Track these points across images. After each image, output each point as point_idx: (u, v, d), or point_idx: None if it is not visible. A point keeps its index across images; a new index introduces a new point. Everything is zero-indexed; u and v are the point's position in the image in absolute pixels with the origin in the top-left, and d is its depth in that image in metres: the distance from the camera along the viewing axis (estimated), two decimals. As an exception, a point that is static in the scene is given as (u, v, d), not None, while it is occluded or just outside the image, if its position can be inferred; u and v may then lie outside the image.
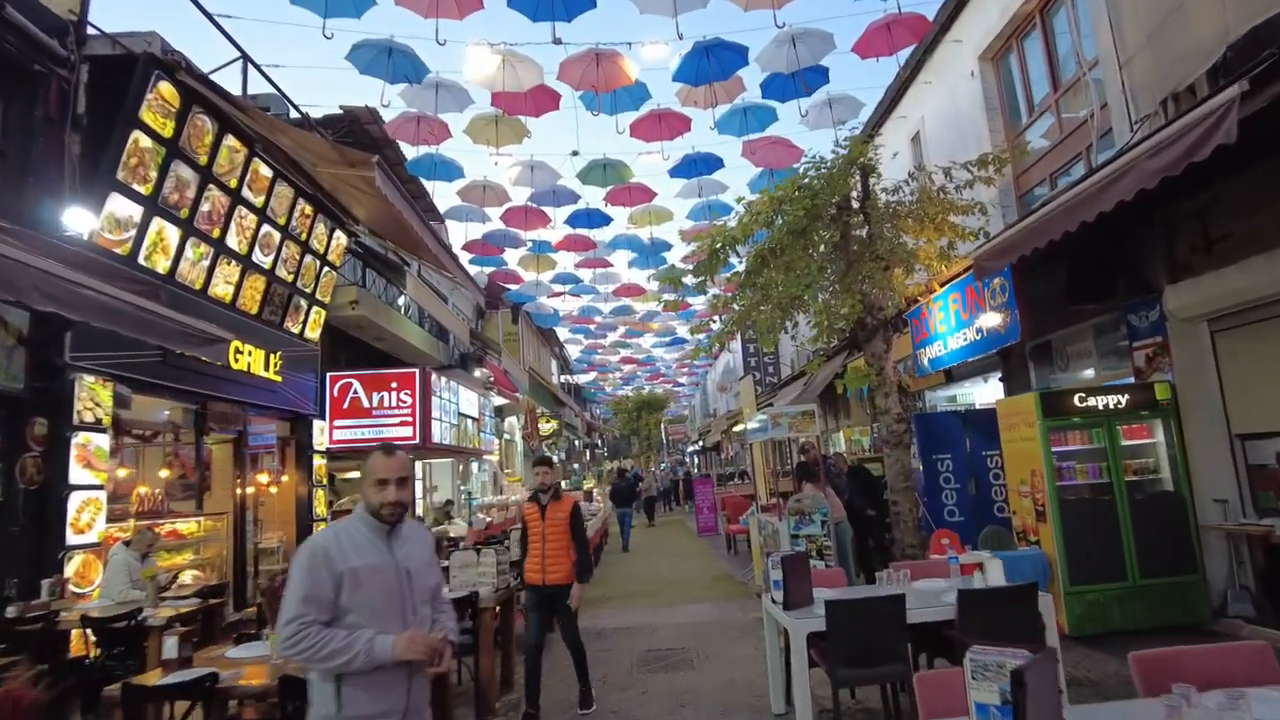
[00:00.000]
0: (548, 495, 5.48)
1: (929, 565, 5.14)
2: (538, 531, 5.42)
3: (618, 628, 7.83)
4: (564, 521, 5.41)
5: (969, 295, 8.02)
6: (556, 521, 5.41)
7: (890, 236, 8.01)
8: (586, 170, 11.93)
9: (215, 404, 8.59)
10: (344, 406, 11.10)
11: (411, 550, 2.62)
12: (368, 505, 2.57)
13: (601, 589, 10.89)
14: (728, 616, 8.06)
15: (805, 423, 7.53)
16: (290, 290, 10.00)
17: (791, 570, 4.29)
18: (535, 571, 5.41)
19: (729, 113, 10.97)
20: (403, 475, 2.58)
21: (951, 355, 8.85)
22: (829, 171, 8.13)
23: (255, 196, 8.76)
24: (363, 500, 2.60)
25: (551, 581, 5.37)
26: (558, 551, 5.39)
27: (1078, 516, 6.26)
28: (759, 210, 8.08)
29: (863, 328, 8.33)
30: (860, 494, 8.46)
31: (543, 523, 5.40)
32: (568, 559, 5.43)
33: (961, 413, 9.81)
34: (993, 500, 9.48)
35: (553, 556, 5.37)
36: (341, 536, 2.51)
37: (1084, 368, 8.16)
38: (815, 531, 6.79)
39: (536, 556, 5.42)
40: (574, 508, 5.55)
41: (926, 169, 8.38)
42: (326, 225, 10.58)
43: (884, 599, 4.00)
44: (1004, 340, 7.44)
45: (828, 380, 12.82)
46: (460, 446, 13.22)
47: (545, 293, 19.00)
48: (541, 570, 5.37)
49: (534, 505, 5.51)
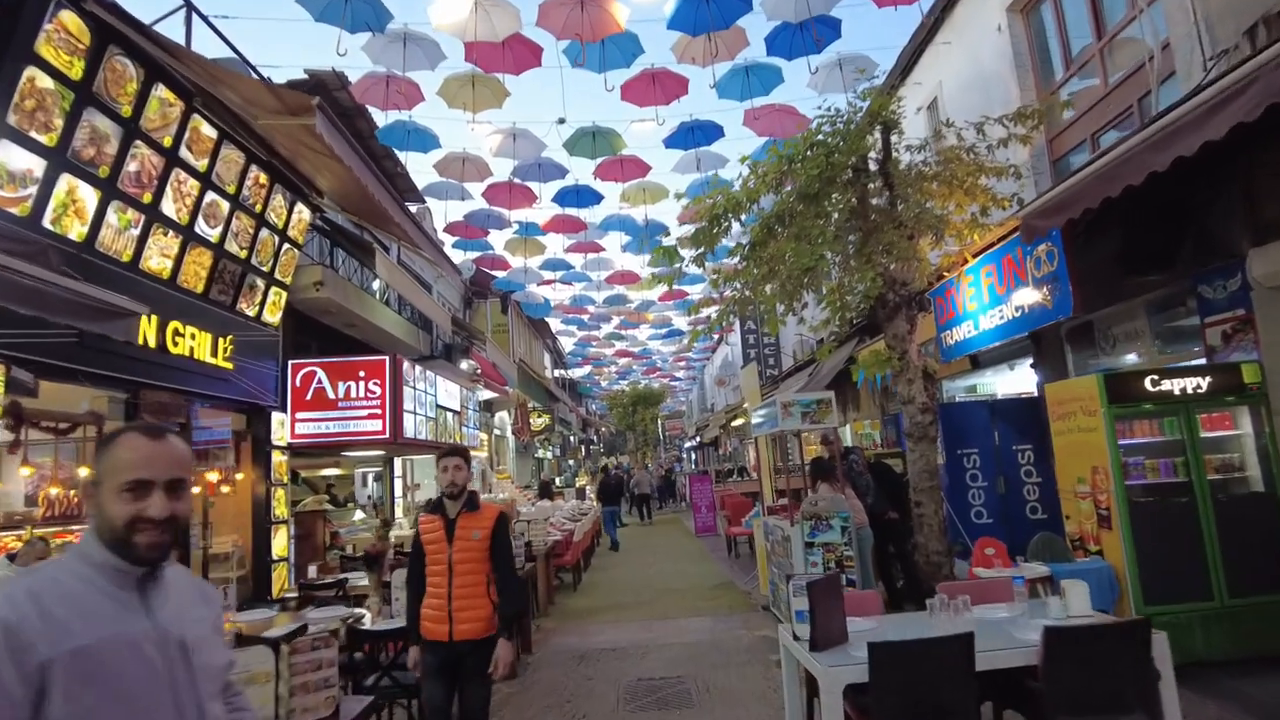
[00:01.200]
0: (458, 504, 3.83)
1: (983, 587, 4.15)
2: (441, 559, 3.76)
3: (604, 648, 6.85)
4: (482, 545, 3.77)
5: (1006, 267, 7.03)
6: (470, 545, 3.75)
7: (916, 200, 7.02)
8: (574, 140, 10.92)
9: (150, 393, 7.57)
10: (307, 398, 10.09)
11: (183, 610, 1.54)
12: (103, 528, 1.48)
13: (589, 598, 9.92)
14: (731, 635, 7.08)
15: (822, 412, 6.56)
16: (244, 268, 8.98)
17: (821, 600, 3.30)
18: (436, 620, 3.71)
19: (730, 74, 9.99)
20: (177, 476, 1.52)
21: (983, 337, 7.86)
22: (845, 127, 7.13)
23: (197, 159, 7.73)
24: (95, 520, 1.52)
25: (463, 635, 3.66)
26: (472, 589, 3.73)
27: (1150, 522, 5.29)
28: (766, 171, 7.08)
29: (883, 305, 7.35)
30: (881, 494, 7.47)
31: (449, 546, 3.73)
32: (487, 601, 3.76)
33: (989, 402, 8.85)
34: (1025, 500, 8.55)
35: (465, 597, 3.70)
36: (47, 595, 1.39)
37: (1134, 350, 7.17)
38: (834, 539, 5.81)
39: (439, 597, 3.73)
40: (499, 523, 3.88)
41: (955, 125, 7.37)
42: (285, 197, 9.56)
43: (947, 641, 3.02)
44: (1051, 316, 6.44)
45: (836, 369, 11.84)
46: (439, 442, 12.21)
47: (535, 280, 18.00)
48: (447, 618, 3.68)
49: (435, 519, 3.85)
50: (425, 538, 3.84)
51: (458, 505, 3.82)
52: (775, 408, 6.83)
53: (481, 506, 3.88)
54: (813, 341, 19.27)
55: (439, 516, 3.84)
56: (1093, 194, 4.72)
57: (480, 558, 3.77)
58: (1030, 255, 6.54)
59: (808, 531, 5.95)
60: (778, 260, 7.32)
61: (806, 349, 19.48)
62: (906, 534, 7.60)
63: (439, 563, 3.76)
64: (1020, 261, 6.75)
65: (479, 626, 3.71)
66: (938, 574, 7.58)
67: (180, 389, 7.94)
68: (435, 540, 3.79)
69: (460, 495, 3.82)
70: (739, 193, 7.07)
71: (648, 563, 13.37)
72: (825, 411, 6.59)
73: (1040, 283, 6.44)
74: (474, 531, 3.77)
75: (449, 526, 3.77)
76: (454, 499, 3.82)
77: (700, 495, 18.07)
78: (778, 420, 6.66)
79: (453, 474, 3.82)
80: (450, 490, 3.81)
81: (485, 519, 3.83)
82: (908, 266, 7.19)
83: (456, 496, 3.82)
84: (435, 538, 3.79)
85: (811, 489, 6.69)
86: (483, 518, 3.83)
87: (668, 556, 14.14)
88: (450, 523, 3.79)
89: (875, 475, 7.64)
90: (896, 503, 7.46)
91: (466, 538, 3.75)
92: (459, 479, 3.84)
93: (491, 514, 3.87)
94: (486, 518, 3.84)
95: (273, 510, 9.72)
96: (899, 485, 7.63)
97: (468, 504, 3.84)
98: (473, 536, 3.76)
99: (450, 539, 3.75)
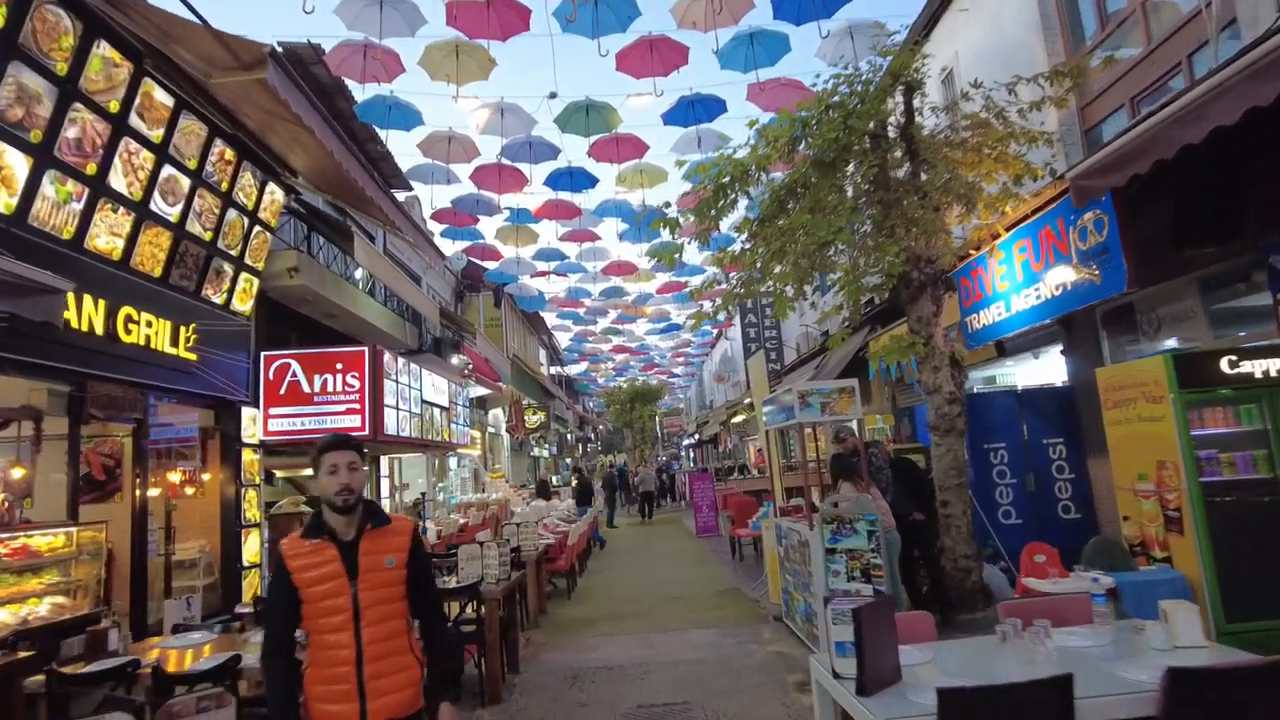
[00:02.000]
0: (354, 518, 2.61)
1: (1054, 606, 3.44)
2: (339, 605, 2.52)
3: (600, 666, 6.14)
4: (398, 576, 2.62)
5: (1045, 240, 6.35)
6: (384, 577, 2.59)
7: (943, 167, 6.34)
8: (566, 115, 10.21)
9: (99, 385, 6.87)
10: (281, 392, 9.40)
11: None
12: None
13: (584, 606, 9.21)
14: (741, 650, 6.37)
15: (844, 402, 5.87)
16: (209, 251, 8.27)
17: (871, 631, 2.62)
18: (337, 700, 2.50)
19: (733, 42, 9.29)
20: None
21: (1015, 320, 7.17)
22: (865, 88, 6.45)
23: (150, 129, 7.02)
24: None
25: (382, 712, 2.51)
26: (391, 644, 2.58)
27: (1230, 525, 4.61)
28: (776, 135, 6.39)
29: (906, 285, 6.68)
30: (902, 492, 6.78)
31: (352, 583, 2.53)
32: (413, 658, 2.64)
33: (1017, 392, 8.18)
34: (1056, 498, 7.91)
35: (382, 657, 2.54)
36: None
37: (1183, 334, 6.49)
38: (860, 545, 5.12)
39: (340, 664, 2.51)
40: (416, 540, 2.72)
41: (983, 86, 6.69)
42: (255, 176, 8.85)
43: (1040, 686, 2.33)
44: (1099, 294, 5.76)
45: (846, 360, 11.15)
46: (425, 439, 11.52)
47: (528, 271, 17.28)
48: (356, 693, 2.48)
49: (319, 546, 2.57)
50: (305, 576, 2.51)
51: (354, 521, 2.59)
52: (790, 398, 6.14)
53: (392, 520, 2.71)
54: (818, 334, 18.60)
55: (324, 541, 2.56)
56: (1166, 142, 4.03)
57: (398, 595, 2.61)
58: (1074, 225, 5.86)
59: (829, 536, 5.27)
60: (790, 235, 6.64)
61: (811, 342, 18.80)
62: (932, 536, 6.93)
63: (336, 611, 2.49)
64: (1061, 233, 6.06)
65: (405, 698, 2.55)
66: (966, 580, 6.92)
67: (134, 381, 7.23)
68: (325, 578, 2.51)
69: (355, 507, 2.59)
70: (747, 158, 6.38)
71: (647, 566, 12.67)
72: (847, 402, 5.90)
73: (1087, 256, 5.76)
74: (387, 557, 2.59)
75: (347, 554, 2.54)
76: (346, 511, 2.57)
77: (701, 494, 17.37)
78: (794, 412, 5.96)
79: (344, 475, 2.55)
80: (341, 499, 2.54)
81: (399, 535, 2.66)
82: (933, 241, 6.52)
83: (350, 508, 2.57)
84: (326, 574, 2.51)
85: (832, 488, 6.01)
86: (396, 534, 2.65)
87: (668, 559, 13.45)
88: (348, 548, 2.55)
89: (897, 472, 6.96)
90: (920, 501, 6.78)
91: (377, 567, 2.56)
92: (354, 482, 2.57)
93: (406, 528, 2.71)
94: (400, 533, 2.67)
95: (243, 513, 9.02)
96: (923, 483, 6.96)
97: (370, 517, 2.64)
98: (386, 564, 2.58)
99: (353, 573, 2.52)
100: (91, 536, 6.67)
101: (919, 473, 7.10)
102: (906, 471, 7.07)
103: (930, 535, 6.80)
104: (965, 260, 7.73)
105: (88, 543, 6.59)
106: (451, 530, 11.91)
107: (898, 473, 7.00)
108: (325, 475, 2.60)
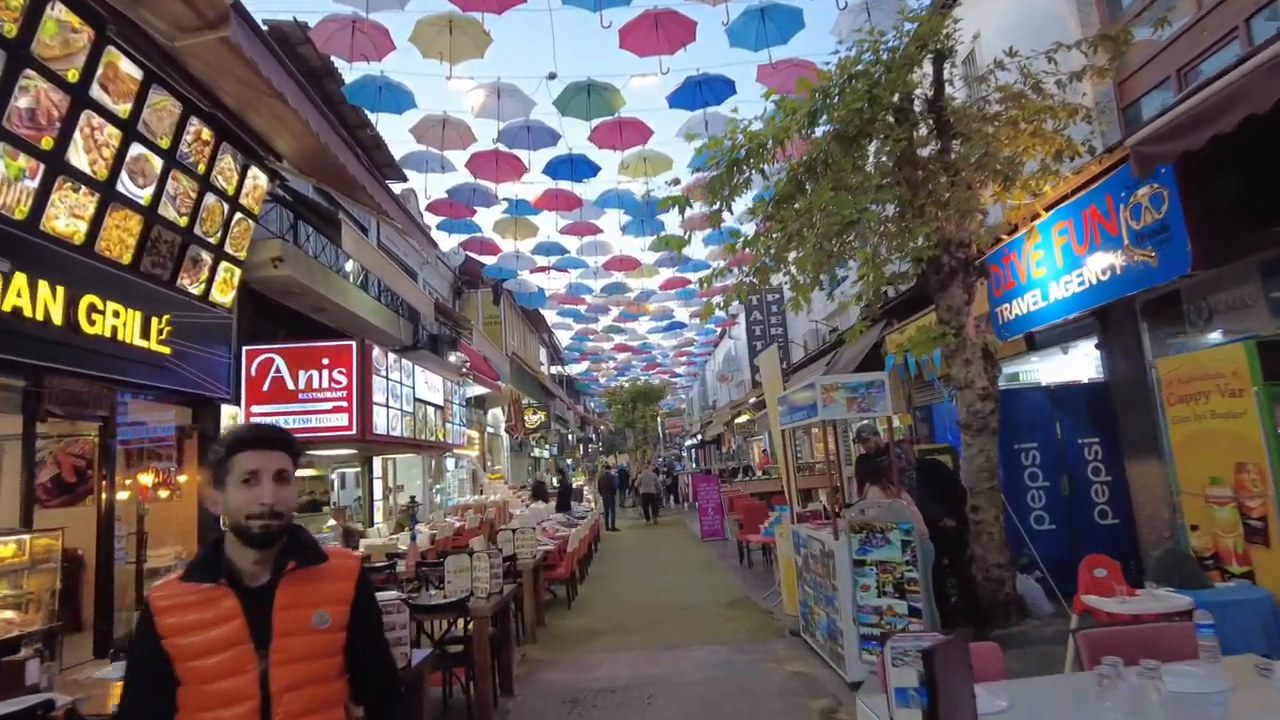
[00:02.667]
0: (266, 555, 1.70)
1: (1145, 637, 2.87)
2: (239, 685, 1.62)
3: (602, 688, 5.57)
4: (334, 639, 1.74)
5: (1090, 221, 5.79)
6: (311, 642, 1.70)
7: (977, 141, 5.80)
8: (566, 97, 9.67)
9: (57, 380, 6.34)
10: (264, 389, 8.87)
11: None
12: None
13: (585, 617, 8.66)
14: (757, 671, 5.77)
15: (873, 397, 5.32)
16: (185, 238, 7.75)
17: (944, 675, 2.06)
18: None
19: (744, 17, 8.77)
20: None
21: (1052, 309, 6.61)
22: (891, 55, 5.91)
23: (116, 103, 6.49)
24: None
25: None
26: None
27: (1324, 536, 4.07)
28: (795, 107, 5.84)
29: (936, 270, 6.14)
30: (929, 496, 6.22)
31: (259, 656, 1.64)
32: None
33: (1049, 388, 7.63)
34: (1092, 502, 7.38)
35: None
36: None
37: (1238, 324, 5.90)
38: (893, 556, 4.57)
39: None
40: (362, 585, 1.83)
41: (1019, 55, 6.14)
42: (236, 159, 8.32)
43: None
44: (1156, 277, 5.19)
45: (861, 355, 10.60)
46: (418, 439, 10.98)
47: (527, 266, 16.75)
48: None
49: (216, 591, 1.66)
50: (185, 643, 1.62)
51: (269, 558, 1.71)
52: (810, 394, 5.58)
53: (330, 557, 1.80)
54: (826, 331, 18.04)
55: (219, 587, 1.67)
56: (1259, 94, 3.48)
57: (332, 672, 1.74)
58: (1125, 203, 5.31)
59: (857, 547, 4.72)
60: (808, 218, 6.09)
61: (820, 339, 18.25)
62: (962, 544, 6.38)
63: (232, 700, 1.62)
64: (1110, 212, 5.51)
65: None
66: (999, 591, 6.37)
67: (99, 375, 6.69)
68: (217, 646, 1.63)
69: (278, 536, 1.70)
70: (763, 131, 5.83)
71: (651, 572, 12.11)
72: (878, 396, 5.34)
73: (1141, 237, 5.20)
74: (317, 613, 1.71)
75: (256, 608, 1.66)
76: (262, 544, 1.68)
77: (706, 497, 16.79)
78: (816, 408, 5.41)
79: (268, 490, 1.67)
80: (260, 527, 1.66)
81: (337, 580, 1.78)
82: (967, 223, 5.97)
83: (270, 539, 1.68)
84: (219, 640, 1.63)
85: (858, 493, 5.46)
86: (332, 578, 1.77)
87: (673, 565, 12.89)
88: (257, 599, 1.67)
89: (923, 474, 6.41)
90: (950, 506, 6.23)
91: (301, 628, 1.69)
92: (282, 502, 1.69)
93: (347, 568, 1.82)
94: (339, 577, 1.79)
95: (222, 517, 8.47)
96: (953, 484, 6.40)
97: (295, 552, 1.73)
98: (315, 624, 1.70)
99: (262, 638, 1.65)
100: (47, 545, 6.13)
101: (947, 474, 6.54)
102: (933, 473, 6.51)
103: (960, 542, 6.25)
104: (996, 245, 7.17)
105: (42, 551, 6.06)
106: (446, 534, 11.36)
107: (924, 475, 6.45)
108: (236, 487, 1.68)
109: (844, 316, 15.18)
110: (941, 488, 6.31)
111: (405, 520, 12.48)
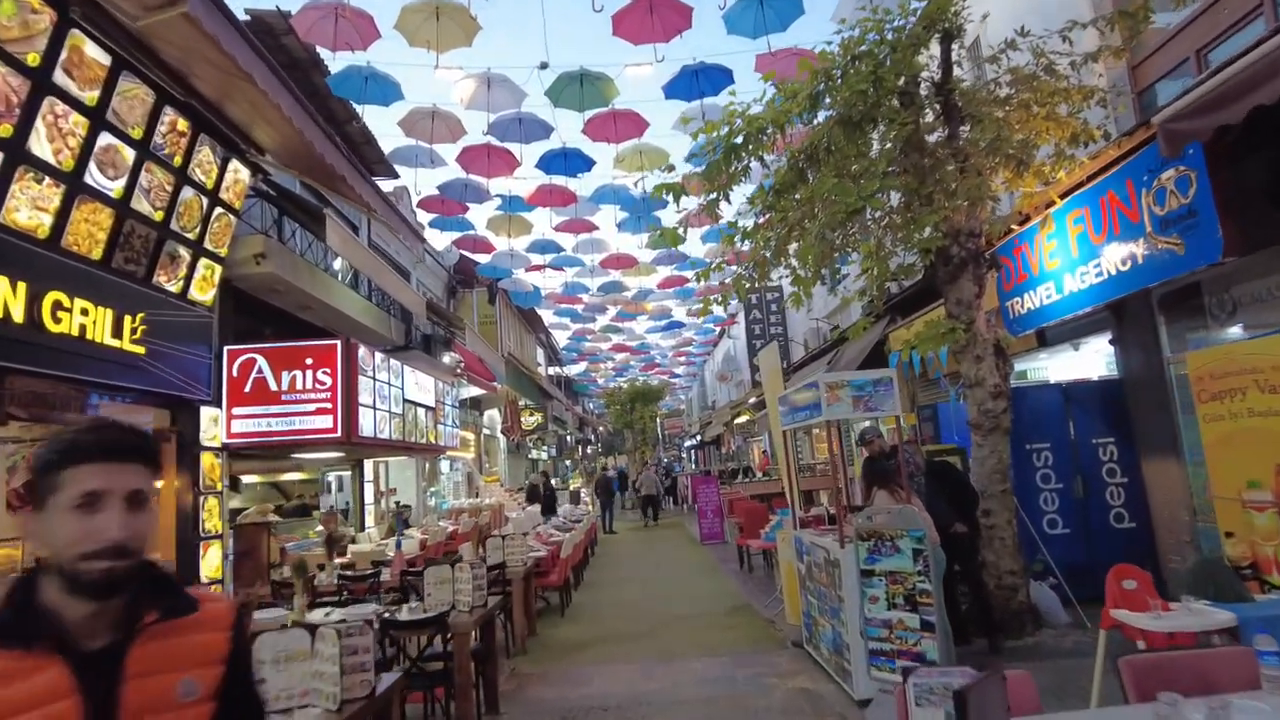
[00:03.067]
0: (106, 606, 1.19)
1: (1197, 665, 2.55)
2: None
3: (594, 705, 5.24)
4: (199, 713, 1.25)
5: (1108, 208, 5.46)
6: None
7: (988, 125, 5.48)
8: (559, 87, 9.34)
9: (19, 380, 6.02)
10: (245, 390, 8.55)
11: None
12: None
13: (578, 625, 8.33)
14: (758, 686, 5.44)
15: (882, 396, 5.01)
16: (161, 233, 7.43)
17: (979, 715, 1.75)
18: None
19: (741, 3, 8.47)
20: None
21: (1067, 303, 6.29)
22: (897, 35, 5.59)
23: (82, 89, 6.19)
24: None
25: None
26: None
27: (1375, 544, 3.76)
28: (796, 90, 5.53)
29: (945, 262, 5.83)
30: (938, 500, 5.89)
31: None
32: None
33: (1062, 386, 7.32)
34: (1107, 505, 7.09)
35: None
36: None
37: (1265, 318, 5.58)
38: (904, 566, 4.25)
39: None
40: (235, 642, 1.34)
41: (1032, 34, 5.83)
42: (215, 152, 8.00)
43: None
44: (1182, 266, 4.87)
45: (865, 352, 10.28)
46: (407, 441, 10.66)
47: (522, 265, 16.42)
48: None
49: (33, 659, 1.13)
50: None
51: (109, 610, 1.21)
52: (814, 393, 5.26)
53: (202, 606, 1.31)
54: (827, 329, 17.73)
55: (38, 655, 1.14)
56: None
57: None
58: (1148, 187, 4.99)
59: (865, 556, 4.41)
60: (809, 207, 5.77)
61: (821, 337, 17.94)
62: (972, 550, 6.06)
63: None
64: (1130, 198, 5.19)
65: None
66: (1012, 599, 6.06)
67: (66, 376, 6.38)
68: None
69: (124, 582, 1.19)
70: (763, 115, 5.51)
71: (648, 577, 11.78)
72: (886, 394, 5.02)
73: (1165, 223, 4.88)
74: (181, 681, 1.24)
75: (94, 680, 1.16)
76: (102, 594, 1.18)
77: (706, 499, 16.46)
78: (819, 408, 5.09)
79: (114, 520, 1.18)
80: (99, 570, 1.16)
81: (207, 634, 1.31)
82: (977, 211, 5.65)
83: (113, 586, 1.18)
84: None
85: (864, 498, 5.15)
86: (200, 632, 1.30)
87: (671, 569, 12.57)
88: (96, 666, 1.18)
89: (933, 477, 6.09)
90: (961, 510, 5.91)
91: (161, 703, 1.21)
92: (133, 535, 1.22)
93: (220, 617, 1.34)
94: (209, 628, 1.32)
95: (202, 523, 8.17)
96: (964, 487, 6.08)
97: (152, 600, 1.25)
98: (179, 696, 1.23)
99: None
100: (8, 555, 5.83)
101: (958, 476, 6.22)
102: (943, 475, 6.19)
103: (971, 548, 5.93)
104: (1007, 236, 6.85)
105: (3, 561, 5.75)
106: (439, 539, 11.04)
107: (933, 477, 6.13)
108: (66, 513, 1.17)
109: (845, 314, 14.87)
110: (953, 491, 5.99)
111: (394, 525, 12.16)
